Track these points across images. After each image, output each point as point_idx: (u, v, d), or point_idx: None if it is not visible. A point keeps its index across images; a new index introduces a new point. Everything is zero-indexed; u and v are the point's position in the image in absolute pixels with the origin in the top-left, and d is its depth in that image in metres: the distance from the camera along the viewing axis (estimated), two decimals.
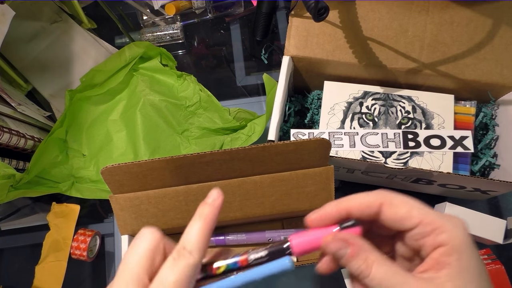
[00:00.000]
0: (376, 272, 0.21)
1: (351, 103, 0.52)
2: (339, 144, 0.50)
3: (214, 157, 0.40)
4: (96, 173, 0.59)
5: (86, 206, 0.59)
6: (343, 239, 0.22)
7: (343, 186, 0.59)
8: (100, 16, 0.70)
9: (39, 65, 0.64)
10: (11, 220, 0.59)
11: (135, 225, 0.44)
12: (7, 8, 0.49)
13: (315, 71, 0.53)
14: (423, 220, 0.21)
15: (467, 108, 0.51)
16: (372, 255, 0.21)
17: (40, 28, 0.64)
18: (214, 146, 0.59)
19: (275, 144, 0.40)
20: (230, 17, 0.70)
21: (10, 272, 0.57)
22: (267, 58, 0.67)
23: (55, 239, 0.57)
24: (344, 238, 0.22)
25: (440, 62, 0.49)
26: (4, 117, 0.53)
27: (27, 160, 0.55)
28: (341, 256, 0.22)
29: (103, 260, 0.57)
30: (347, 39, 0.50)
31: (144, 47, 0.61)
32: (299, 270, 0.55)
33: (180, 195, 0.43)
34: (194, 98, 0.62)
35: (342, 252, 0.22)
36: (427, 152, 0.49)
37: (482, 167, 0.51)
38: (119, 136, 0.60)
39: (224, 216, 0.44)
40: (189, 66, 0.69)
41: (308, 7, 0.43)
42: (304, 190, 0.44)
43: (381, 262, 0.21)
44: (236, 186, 0.43)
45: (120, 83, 0.61)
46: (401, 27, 0.49)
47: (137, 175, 0.41)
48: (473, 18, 0.48)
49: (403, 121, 0.50)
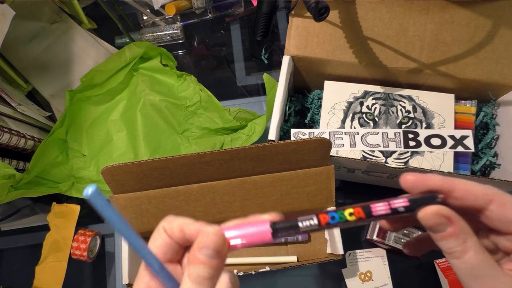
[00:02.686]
0: (470, 257, 0.20)
1: (351, 103, 0.52)
2: (339, 144, 0.50)
3: (215, 156, 0.40)
4: (96, 173, 0.59)
5: (86, 206, 0.59)
6: (446, 215, 0.21)
7: (344, 186, 0.58)
8: (100, 16, 0.70)
9: (39, 65, 0.64)
10: (11, 220, 0.59)
11: (135, 225, 0.44)
12: (7, 8, 0.49)
13: (315, 71, 0.53)
14: None
15: (468, 108, 0.51)
16: (471, 240, 0.21)
17: (40, 28, 0.64)
18: (215, 146, 0.59)
19: (276, 144, 0.40)
20: (230, 17, 0.70)
21: (10, 273, 0.57)
22: (267, 58, 0.67)
23: (55, 240, 0.56)
24: (447, 215, 0.21)
25: (440, 62, 0.49)
26: (4, 117, 0.53)
27: (27, 160, 0.55)
28: (438, 231, 0.21)
29: (103, 260, 0.57)
30: (348, 39, 0.49)
31: (144, 47, 0.61)
32: (299, 269, 0.55)
33: (180, 195, 0.43)
34: (194, 98, 0.62)
35: (441, 228, 0.21)
36: (427, 152, 0.49)
37: (483, 167, 0.51)
38: (119, 136, 0.60)
39: (224, 216, 0.44)
40: (189, 66, 0.69)
41: (309, 7, 0.43)
42: (304, 190, 0.44)
43: (478, 249, 0.21)
44: (236, 186, 0.43)
45: (120, 83, 0.61)
46: (402, 26, 0.49)
47: (137, 175, 0.41)
48: (473, 18, 0.48)
49: (403, 120, 0.50)
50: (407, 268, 0.54)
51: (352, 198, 0.58)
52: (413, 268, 0.55)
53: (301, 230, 0.22)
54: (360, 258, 0.55)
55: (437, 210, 0.21)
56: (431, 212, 0.21)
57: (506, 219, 0.22)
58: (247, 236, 0.22)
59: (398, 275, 0.54)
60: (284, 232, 0.22)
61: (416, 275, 0.55)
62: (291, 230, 0.22)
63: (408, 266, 0.55)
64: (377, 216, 0.21)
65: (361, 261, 0.54)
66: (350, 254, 0.55)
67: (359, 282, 0.53)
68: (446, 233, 0.21)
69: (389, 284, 0.53)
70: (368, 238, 0.53)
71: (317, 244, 0.48)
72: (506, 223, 0.22)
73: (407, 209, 0.21)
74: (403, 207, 0.21)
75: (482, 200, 0.22)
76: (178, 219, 0.23)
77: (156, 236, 0.23)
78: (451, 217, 0.21)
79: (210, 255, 0.20)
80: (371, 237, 0.53)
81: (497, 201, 0.21)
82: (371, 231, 0.53)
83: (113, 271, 0.56)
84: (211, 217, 0.43)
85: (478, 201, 0.22)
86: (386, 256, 0.54)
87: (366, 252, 0.55)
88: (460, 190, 0.22)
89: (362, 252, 0.55)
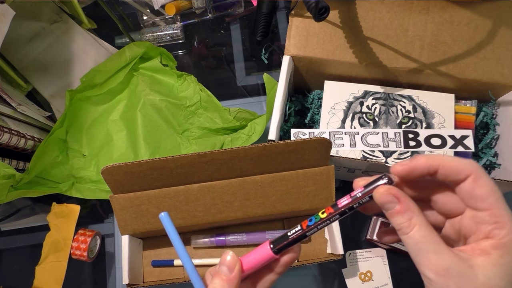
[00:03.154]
0: (415, 233, 0.22)
1: (351, 103, 0.52)
2: (339, 144, 0.50)
3: (215, 156, 0.40)
4: (97, 173, 0.59)
5: (86, 206, 0.59)
6: (395, 194, 0.23)
7: (344, 186, 0.58)
8: (100, 16, 0.70)
9: (39, 66, 0.64)
10: (11, 220, 0.59)
11: (136, 225, 0.44)
12: (7, 8, 0.49)
13: (315, 71, 0.53)
14: (493, 209, 0.22)
15: (468, 108, 0.51)
16: (417, 218, 0.22)
17: (40, 28, 0.64)
18: (215, 146, 0.59)
19: (276, 144, 0.40)
20: (230, 17, 0.70)
21: (10, 273, 0.57)
22: (267, 58, 0.67)
23: (55, 240, 0.56)
24: (396, 194, 0.23)
25: (440, 62, 0.49)
26: (4, 117, 0.53)
27: (27, 160, 0.55)
28: (388, 209, 0.23)
29: (103, 260, 0.57)
30: (348, 39, 0.50)
31: (144, 47, 0.61)
32: (299, 269, 0.55)
33: (180, 195, 0.43)
34: (195, 98, 0.62)
35: (390, 206, 0.23)
36: (427, 152, 0.49)
37: (483, 167, 0.51)
38: (119, 136, 0.60)
39: (224, 216, 0.44)
40: (189, 66, 0.69)
41: (309, 7, 0.43)
42: (304, 190, 0.44)
43: (423, 226, 0.22)
44: (236, 186, 0.43)
45: (120, 83, 0.61)
46: (402, 26, 0.49)
47: (137, 175, 0.41)
48: (473, 18, 0.48)
49: (403, 120, 0.50)
50: (407, 268, 0.54)
51: None
52: (413, 268, 0.55)
53: (290, 237, 0.26)
54: (360, 258, 0.55)
55: (386, 190, 0.23)
56: (382, 191, 0.23)
57: (473, 193, 0.23)
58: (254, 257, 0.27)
59: (398, 275, 0.54)
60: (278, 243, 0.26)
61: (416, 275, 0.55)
62: (283, 240, 0.26)
63: (408, 266, 0.54)
64: (343, 207, 0.25)
65: (361, 261, 0.54)
66: (350, 254, 0.55)
67: (359, 282, 0.53)
68: (395, 210, 0.23)
69: (389, 284, 0.53)
70: (368, 238, 0.53)
71: (317, 244, 0.48)
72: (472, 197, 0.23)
73: (363, 193, 0.24)
74: (360, 193, 0.24)
75: (463, 176, 0.23)
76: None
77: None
78: (399, 196, 0.23)
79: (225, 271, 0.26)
80: (371, 237, 0.53)
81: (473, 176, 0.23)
82: (371, 231, 0.53)
83: (113, 271, 0.56)
84: (211, 217, 0.43)
85: (460, 176, 0.23)
86: (386, 256, 0.54)
87: (366, 252, 0.55)
88: (446, 166, 0.23)
89: (362, 252, 0.55)
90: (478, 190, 0.22)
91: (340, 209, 0.25)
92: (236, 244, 0.48)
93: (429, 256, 0.22)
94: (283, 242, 0.26)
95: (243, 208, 0.44)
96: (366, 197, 0.24)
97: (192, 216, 0.43)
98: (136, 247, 0.47)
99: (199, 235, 0.48)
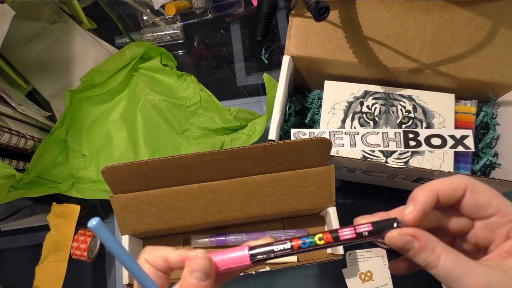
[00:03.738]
0: (444, 262, 0.21)
1: (351, 103, 0.52)
2: (339, 144, 0.50)
3: (215, 156, 0.40)
4: (97, 173, 0.59)
5: (86, 206, 0.59)
6: (409, 233, 0.22)
7: (344, 186, 0.58)
8: (100, 16, 0.70)
9: (39, 66, 0.64)
10: (11, 220, 0.59)
11: (136, 225, 0.44)
12: (7, 8, 0.49)
13: (315, 71, 0.53)
14: (502, 210, 0.22)
15: (468, 107, 0.51)
16: (439, 246, 0.22)
17: (40, 28, 0.64)
18: (215, 146, 0.59)
19: (276, 144, 0.40)
20: (230, 17, 0.70)
21: (10, 273, 0.57)
22: (267, 58, 0.67)
23: (55, 240, 0.56)
24: (409, 233, 0.22)
25: (440, 62, 0.49)
26: (4, 117, 0.53)
27: (27, 160, 0.55)
28: (409, 249, 0.22)
29: (103, 260, 0.57)
30: (348, 39, 0.49)
31: (144, 47, 0.61)
32: (299, 269, 0.55)
33: (180, 195, 0.43)
34: (195, 98, 0.62)
35: (409, 246, 0.22)
36: (428, 152, 0.49)
37: (483, 166, 0.51)
38: (119, 136, 0.60)
39: (224, 216, 0.44)
40: (189, 66, 0.69)
41: (309, 7, 0.43)
42: (304, 190, 0.44)
43: (448, 252, 0.22)
44: (236, 185, 0.43)
45: (120, 83, 0.61)
46: (402, 26, 0.49)
47: (137, 175, 0.41)
48: (473, 18, 0.48)
49: (403, 120, 0.50)
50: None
51: (352, 198, 0.58)
52: None
53: (275, 254, 0.23)
54: (360, 258, 0.55)
55: (399, 232, 0.22)
56: (396, 234, 0.22)
57: (478, 203, 0.23)
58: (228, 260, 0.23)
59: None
60: (260, 256, 0.23)
61: (416, 275, 0.55)
62: (266, 254, 0.23)
63: None
64: (344, 240, 0.23)
65: (361, 261, 0.54)
66: (350, 254, 0.55)
67: (359, 282, 0.53)
68: (416, 249, 0.22)
69: (389, 284, 0.53)
70: None
71: None
72: (478, 208, 0.23)
73: (370, 232, 0.23)
74: (367, 231, 0.23)
75: (461, 191, 0.23)
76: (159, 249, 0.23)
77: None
78: (414, 233, 0.22)
79: (200, 277, 0.22)
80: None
81: (469, 188, 0.23)
82: None
83: (113, 271, 0.56)
84: (211, 217, 0.43)
85: (458, 192, 0.23)
86: (386, 256, 0.54)
87: (366, 252, 0.55)
88: (444, 189, 0.23)
89: (362, 252, 0.55)
90: (480, 198, 0.22)
91: (340, 242, 0.23)
92: (236, 244, 0.48)
93: (465, 279, 0.21)
94: (264, 255, 0.23)
95: (243, 208, 0.44)
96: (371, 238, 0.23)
97: (192, 216, 0.43)
98: (136, 247, 0.47)
99: (199, 235, 0.48)
